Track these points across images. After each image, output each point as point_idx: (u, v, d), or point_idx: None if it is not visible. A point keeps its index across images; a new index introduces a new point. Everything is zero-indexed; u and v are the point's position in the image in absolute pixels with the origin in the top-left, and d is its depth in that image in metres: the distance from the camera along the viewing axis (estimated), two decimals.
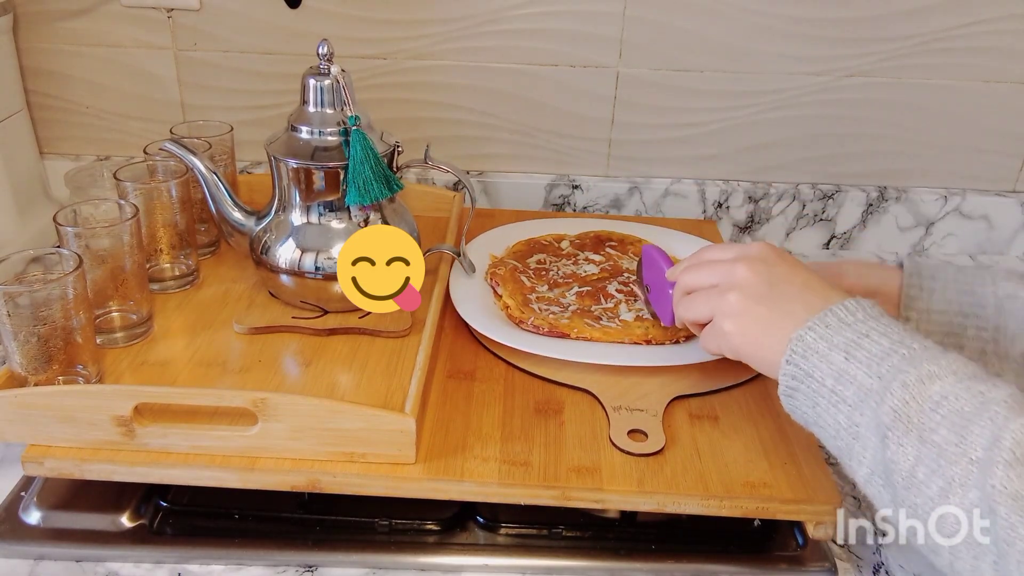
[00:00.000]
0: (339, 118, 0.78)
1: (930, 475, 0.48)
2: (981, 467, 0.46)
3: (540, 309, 0.83)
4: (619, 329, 0.80)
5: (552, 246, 0.96)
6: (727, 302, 0.63)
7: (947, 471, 0.47)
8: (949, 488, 0.47)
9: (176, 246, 0.86)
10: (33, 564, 0.64)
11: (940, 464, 0.48)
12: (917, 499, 0.49)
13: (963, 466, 0.47)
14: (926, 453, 0.49)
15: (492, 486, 0.64)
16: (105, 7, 1.06)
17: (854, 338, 0.55)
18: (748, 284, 0.62)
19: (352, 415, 0.63)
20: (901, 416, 0.50)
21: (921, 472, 0.49)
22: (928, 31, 1.05)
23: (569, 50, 1.07)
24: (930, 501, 0.48)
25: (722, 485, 0.65)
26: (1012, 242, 1.17)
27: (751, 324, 0.61)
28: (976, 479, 0.46)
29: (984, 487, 0.46)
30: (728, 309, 0.62)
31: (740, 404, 0.74)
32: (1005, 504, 0.44)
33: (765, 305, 0.61)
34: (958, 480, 0.47)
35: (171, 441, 0.65)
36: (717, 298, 0.64)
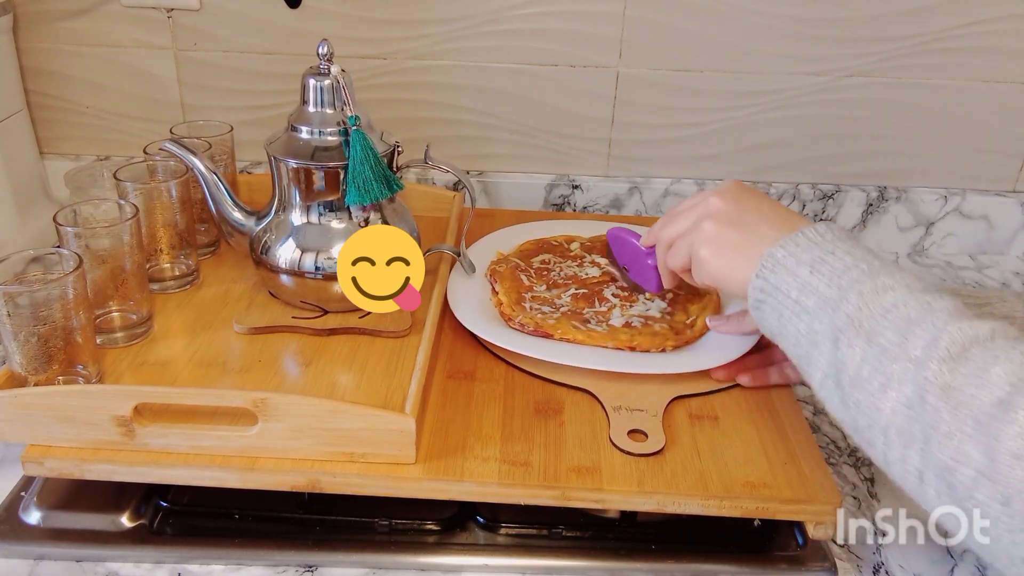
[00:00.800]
0: (339, 118, 0.78)
1: (873, 372, 0.52)
2: (917, 364, 0.50)
3: (531, 308, 0.83)
4: (604, 333, 0.79)
5: (561, 247, 0.96)
6: (702, 231, 0.67)
7: (888, 368, 0.52)
8: (888, 383, 0.51)
9: (176, 246, 0.86)
10: (33, 564, 0.64)
11: (883, 362, 0.52)
12: (860, 395, 0.53)
13: (902, 363, 0.51)
14: (872, 353, 0.53)
15: (492, 486, 0.64)
16: (105, 7, 1.06)
17: (820, 255, 0.59)
18: (720, 212, 0.67)
19: (352, 415, 0.63)
20: (854, 321, 0.54)
21: (866, 370, 0.53)
22: (928, 31, 1.05)
23: (569, 50, 1.07)
24: (871, 396, 0.52)
25: (722, 485, 0.65)
26: (1012, 242, 1.17)
27: (725, 247, 0.65)
28: (912, 375, 0.50)
29: (917, 381, 0.50)
30: (703, 237, 0.66)
31: (740, 404, 0.74)
32: (934, 393, 0.49)
33: (737, 229, 0.65)
34: (896, 376, 0.51)
35: (171, 441, 0.65)
36: (694, 231, 0.68)
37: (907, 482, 0.52)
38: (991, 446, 0.46)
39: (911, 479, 0.51)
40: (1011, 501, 0.45)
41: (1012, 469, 0.45)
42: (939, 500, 0.50)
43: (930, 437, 0.49)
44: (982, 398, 0.47)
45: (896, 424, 0.51)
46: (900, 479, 0.53)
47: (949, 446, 0.48)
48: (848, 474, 0.76)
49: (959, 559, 0.67)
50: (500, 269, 0.89)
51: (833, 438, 0.80)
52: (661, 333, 0.79)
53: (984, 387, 0.47)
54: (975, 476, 0.46)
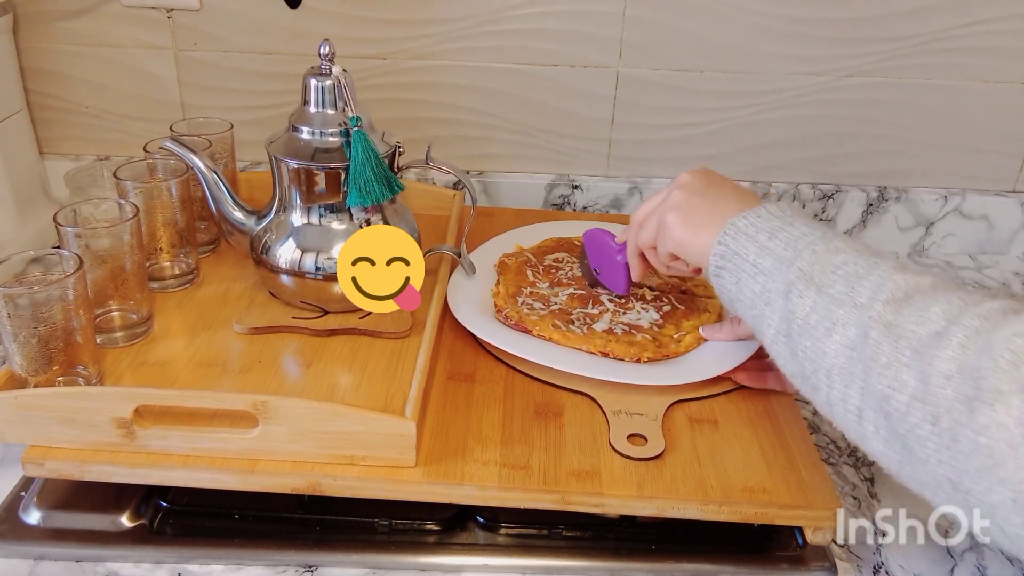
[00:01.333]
0: (340, 119, 0.78)
1: (820, 320, 0.56)
2: (861, 308, 0.54)
3: (522, 303, 0.83)
4: (581, 336, 0.79)
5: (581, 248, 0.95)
6: (671, 199, 0.70)
7: (834, 313, 0.55)
8: (833, 327, 0.55)
9: (176, 244, 0.86)
10: (33, 564, 0.64)
11: (830, 309, 0.55)
12: (807, 342, 0.56)
13: (847, 309, 0.54)
14: (820, 302, 0.56)
15: (492, 490, 0.64)
16: (105, 7, 1.06)
17: (780, 225, 0.62)
18: (689, 183, 0.70)
19: (352, 419, 0.63)
20: (805, 274, 0.58)
21: (813, 318, 0.56)
22: (928, 31, 1.05)
23: (569, 50, 1.07)
24: (817, 341, 0.56)
25: (721, 490, 0.65)
26: (1012, 242, 1.17)
27: (691, 212, 0.68)
28: (856, 318, 0.54)
29: (861, 322, 0.53)
30: (671, 203, 0.69)
31: (740, 408, 0.74)
32: (876, 329, 0.52)
33: (704, 198, 0.68)
34: (841, 320, 0.54)
35: (171, 443, 0.65)
36: (662, 204, 0.71)
37: (847, 422, 0.55)
38: (925, 370, 0.48)
39: (851, 418, 0.54)
40: (939, 419, 0.47)
41: (943, 389, 0.47)
42: (876, 434, 0.52)
43: (870, 371, 0.52)
44: (920, 331, 0.50)
45: (839, 365, 0.54)
46: (841, 420, 0.56)
47: (887, 375, 0.50)
48: (848, 474, 0.76)
49: (959, 559, 0.67)
50: (509, 262, 0.89)
51: (833, 438, 0.80)
52: (639, 343, 0.79)
53: (923, 323, 0.50)
54: (908, 401, 0.49)
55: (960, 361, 0.47)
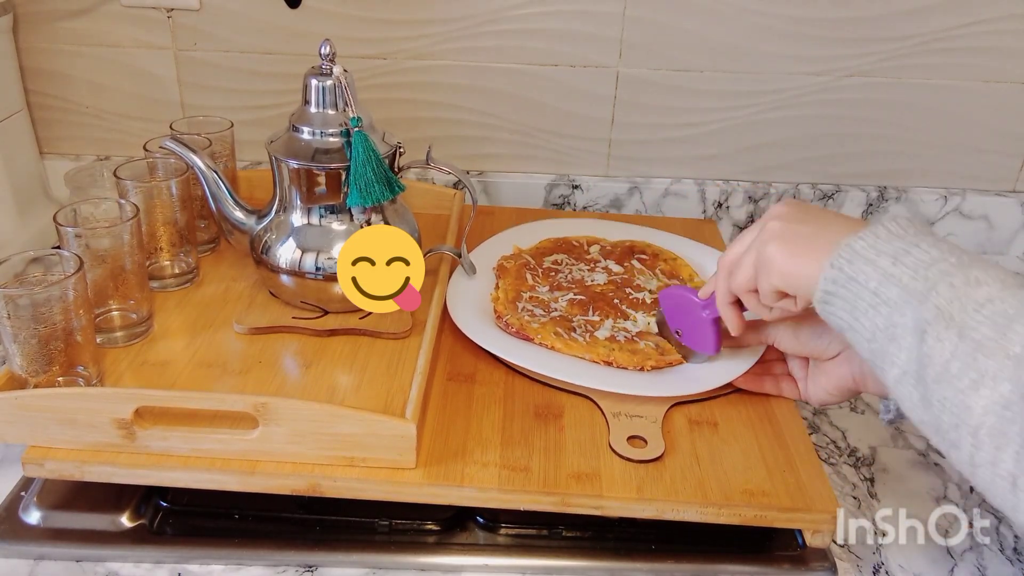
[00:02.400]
0: (341, 119, 0.78)
1: (964, 368, 0.49)
2: (1017, 362, 0.47)
3: (523, 309, 0.83)
4: (584, 345, 0.78)
5: (580, 248, 0.95)
6: (767, 230, 0.63)
7: (982, 364, 0.48)
8: (981, 380, 0.48)
9: (176, 244, 0.86)
10: (33, 564, 0.65)
11: (976, 358, 0.48)
12: (947, 392, 0.49)
13: (999, 360, 0.47)
14: (963, 348, 0.49)
15: (492, 492, 0.64)
16: (105, 7, 1.06)
17: (904, 247, 0.55)
18: (786, 214, 0.63)
19: (353, 420, 0.63)
20: (944, 313, 0.50)
21: (955, 365, 0.49)
22: (928, 31, 1.05)
23: (569, 50, 1.07)
24: (959, 393, 0.49)
25: (721, 493, 0.65)
26: (1012, 242, 1.17)
27: (794, 239, 0.61)
28: (1010, 372, 0.47)
29: (1017, 378, 0.46)
30: (769, 234, 0.62)
31: (739, 410, 0.74)
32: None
33: (807, 224, 0.61)
34: (991, 373, 0.47)
35: (171, 444, 0.65)
36: (757, 238, 0.64)
37: (996, 488, 0.49)
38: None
39: (1002, 484, 0.48)
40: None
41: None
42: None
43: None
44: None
45: (989, 424, 0.48)
46: (988, 485, 0.49)
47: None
48: (848, 474, 0.76)
49: (959, 559, 0.67)
50: (508, 265, 0.89)
51: (833, 438, 0.80)
52: (643, 352, 0.78)
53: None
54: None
55: None
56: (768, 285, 0.63)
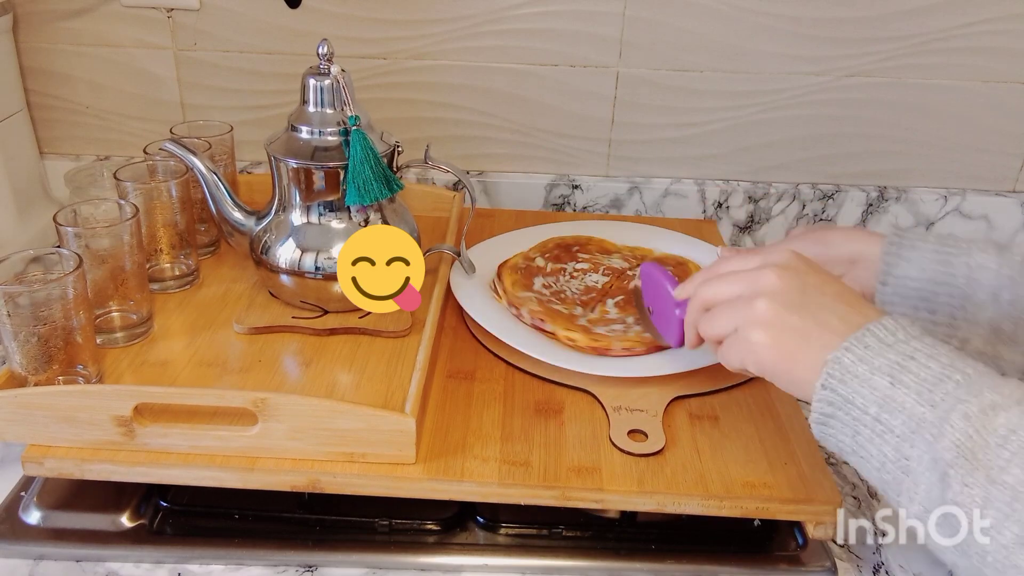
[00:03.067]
0: (339, 118, 0.78)
1: (1003, 520, 0.44)
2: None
3: (535, 299, 0.83)
4: (603, 335, 0.80)
5: (583, 248, 0.96)
6: (755, 310, 0.57)
7: (1022, 513, 0.43)
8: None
9: (176, 246, 0.86)
10: (33, 564, 0.64)
11: (1015, 508, 0.43)
12: (986, 544, 0.45)
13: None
14: (996, 495, 0.44)
15: (492, 486, 0.64)
16: (105, 7, 1.06)
17: (899, 360, 0.50)
18: (778, 291, 0.57)
19: (352, 415, 0.63)
20: (964, 452, 0.45)
21: (993, 515, 0.44)
22: (928, 31, 1.05)
23: (569, 50, 1.07)
24: (1004, 549, 0.44)
25: (722, 485, 0.65)
26: (1012, 242, 1.17)
27: (783, 335, 0.55)
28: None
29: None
30: (756, 318, 0.56)
31: (740, 404, 0.74)
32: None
33: (798, 314, 0.55)
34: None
35: (171, 441, 0.65)
36: (744, 307, 0.58)
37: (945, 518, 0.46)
38: None
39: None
40: None
41: None
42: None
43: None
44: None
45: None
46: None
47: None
48: (849, 474, 0.76)
49: None
50: (514, 262, 0.90)
51: None
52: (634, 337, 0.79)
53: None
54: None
55: None
56: (741, 366, 0.59)
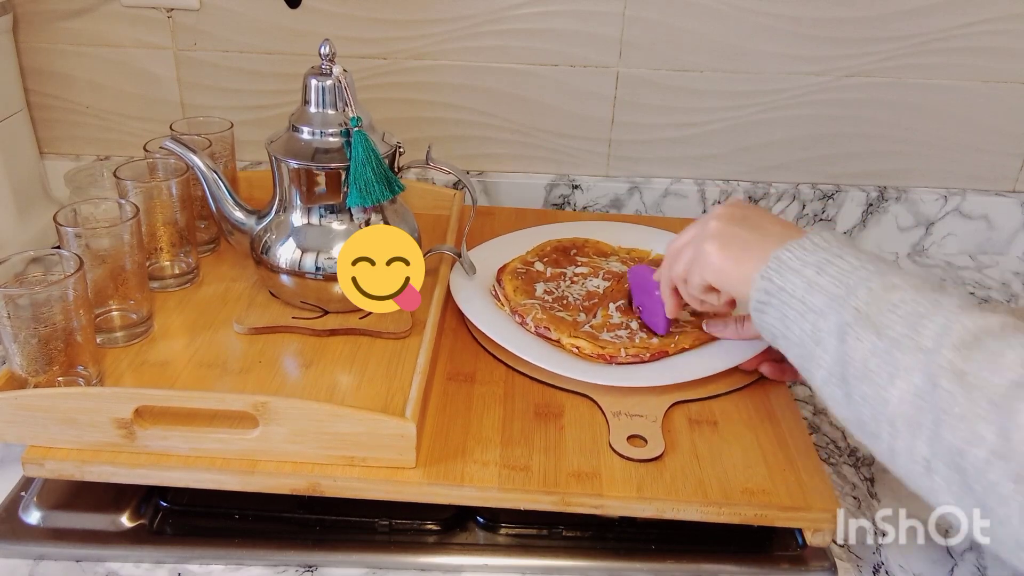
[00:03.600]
0: (341, 119, 0.77)
1: (881, 364, 0.52)
2: (928, 353, 0.50)
3: (538, 305, 0.83)
4: (605, 341, 0.79)
5: (581, 251, 0.95)
6: (707, 228, 0.67)
7: (897, 359, 0.51)
8: (896, 373, 0.51)
9: (176, 244, 0.86)
10: (33, 564, 0.65)
11: (892, 354, 0.52)
12: (867, 388, 0.53)
13: (912, 354, 0.51)
14: (880, 346, 0.53)
15: (492, 491, 0.64)
16: (105, 7, 1.06)
17: (827, 258, 0.59)
18: (726, 214, 0.67)
19: (353, 419, 0.63)
20: (862, 315, 0.54)
21: (873, 362, 0.53)
22: (928, 31, 1.05)
23: (569, 50, 1.07)
24: (878, 388, 0.52)
25: (721, 491, 0.65)
26: (1012, 242, 1.17)
27: (731, 242, 0.65)
28: (922, 363, 0.50)
29: (928, 369, 0.50)
30: (708, 233, 0.66)
31: (739, 409, 0.74)
32: (946, 377, 0.49)
33: (744, 228, 0.65)
34: (905, 366, 0.51)
35: (171, 443, 0.65)
36: (697, 236, 0.68)
37: (913, 473, 0.52)
38: (1005, 425, 0.46)
39: (918, 470, 0.51)
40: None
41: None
42: (948, 489, 0.50)
43: (941, 422, 0.49)
44: (996, 380, 0.47)
45: (904, 413, 0.51)
46: (906, 471, 0.53)
47: (961, 428, 0.48)
48: (848, 474, 0.76)
49: (959, 559, 0.67)
50: (513, 267, 0.89)
51: (833, 438, 0.80)
52: (640, 344, 0.79)
53: (998, 371, 0.47)
54: (987, 457, 0.46)
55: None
56: (699, 279, 0.68)
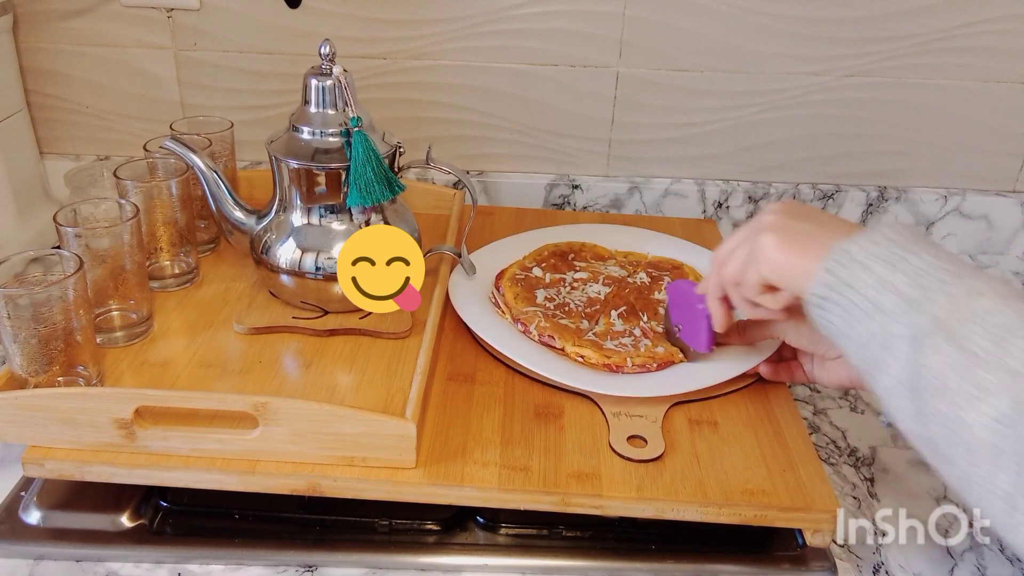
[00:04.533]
0: (341, 119, 0.78)
1: (961, 381, 0.47)
2: (1015, 376, 0.46)
3: (539, 312, 0.82)
4: (610, 349, 0.79)
5: (580, 256, 0.94)
6: (763, 221, 0.62)
7: (980, 378, 0.47)
8: (978, 395, 0.47)
9: (176, 244, 0.86)
10: (33, 564, 0.65)
11: (974, 371, 0.47)
12: (941, 405, 0.48)
13: (998, 374, 0.46)
14: (961, 360, 0.48)
15: (492, 491, 0.64)
16: (105, 7, 1.06)
17: (900, 252, 0.54)
18: (782, 208, 0.63)
19: (353, 420, 0.63)
20: (942, 324, 0.49)
21: (953, 378, 0.48)
22: (928, 31, 1.05)
23: (569, 50, 1.07)
24: (956, 408, 0.47)
25: (721, 492, 0.65)
26: (1012, 242, 1.17)
27: (790, 234, 0.60)
28: (1008, 388, 0.46)
29: (1016, 394, 0.45)
30: (765, 225, 0.62)
31: (740, 410, 0.74)
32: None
33: (804, 222, 0.61)
34: (990, 387, 0.46)
35: (171, 444, 0.65)
36: (752, 230, 0.63)
37: (992, 506, 0.47)
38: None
39: (997, 504, 0.47)
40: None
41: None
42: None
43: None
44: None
45: (985, 440, 0.46)
46: (983, 503, 0.48)
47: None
48: (848, 474, 0.76)
49: (959, 559, 0.67)
50: (512, 273, 0.89)
51: (833, 438, 0.80)
52: (645, 353, 0.79)
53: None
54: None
55: None
56: (756, 275, 0.63)
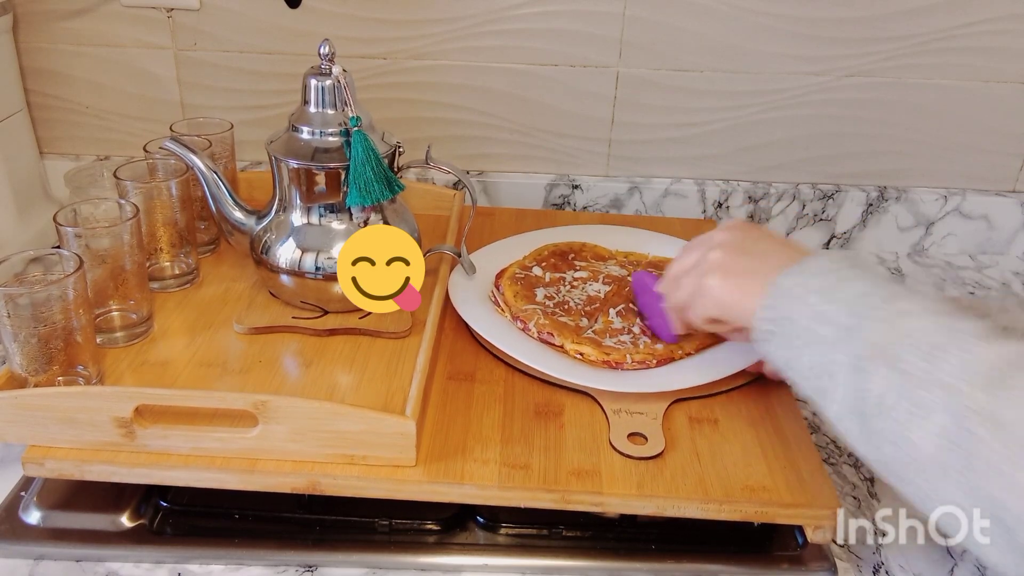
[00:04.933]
0: (340, 119, 0.78)
1: (898, 399, 0.50)
2: (951, 392, 0.48)
3: (539, 311, 0.82)
4: (608, 347, 0.78)
5: (579, 255, 0.94)
6: (708, 260, 0.65)
7: (919, 396, 0.49)
8: (920, 413, 0.49)
9: (176, 244, 0.86)
10: (33, 564, 0.64)
11: (909, 389, 0.49)
12: (884, 424, 0.50)
13: (934, 391, 0.48)
14: (896, 380, 0.50)
15: (492, 489, 0.64)
16: (105, 7, 1.06)
17: (833, 282, 0.56)
18: (727, 242, 0.65)
19: (353, 418, 0.63)
20: (878, 348, 0.52)
21: (890, 398, 0.50)
22: (928, 31, 1.05)
23: (569, 50, 1.07)
24: (900, 427, 0.50)
25: (721, 489, 0.65)
26: (1012, 242, 1.17)
27: (733, 273, 0.63)
28: (944, 403, 0.48)
29: (953, 408, 0.47)
30: (710, 265, 0.65)
31: (740, 407, 0.74)
32: (975, 421, 0.46)
33: (746, 256, 0.63)
34: (929, 405, 0.48)
35: (171, 443, 0.65)
36: (700, 264, 0.66)
37: (948, 521, 0.49)
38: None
39: (950, 517, 0.49)
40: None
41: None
42: (992, 546, 0.47)
43: (972, 468, 0.46)
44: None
45: (933, 456, 0.48)
46: (942, 519, 0.50)
47: (999, 480, 0.45)
48: (848, 474, 0.76)
49: (959, 559, 0.67)
50: (512, 272, 0.89)
51: (833, 438, 0.80)
52: (644, 349, 0.79)
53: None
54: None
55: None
56: (704, 313, 0.67)
